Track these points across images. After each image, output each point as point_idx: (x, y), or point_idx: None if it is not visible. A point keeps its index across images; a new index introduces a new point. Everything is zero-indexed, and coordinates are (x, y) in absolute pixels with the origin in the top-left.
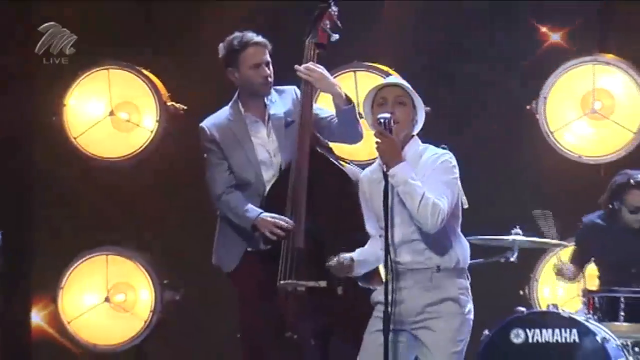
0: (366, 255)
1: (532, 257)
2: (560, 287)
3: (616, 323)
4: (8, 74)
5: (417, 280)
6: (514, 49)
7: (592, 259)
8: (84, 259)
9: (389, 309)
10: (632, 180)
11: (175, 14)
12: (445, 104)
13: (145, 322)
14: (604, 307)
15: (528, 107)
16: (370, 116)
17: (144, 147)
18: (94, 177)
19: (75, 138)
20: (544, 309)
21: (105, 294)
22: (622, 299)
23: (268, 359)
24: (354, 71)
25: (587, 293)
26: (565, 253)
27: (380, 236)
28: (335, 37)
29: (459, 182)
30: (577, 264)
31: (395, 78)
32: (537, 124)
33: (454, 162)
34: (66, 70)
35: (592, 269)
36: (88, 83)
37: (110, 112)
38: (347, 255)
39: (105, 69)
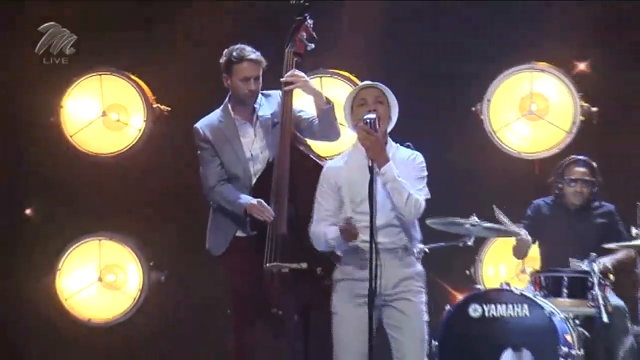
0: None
1: (477, 241)
2: (500, 268)
3: (560, 299)
4: (8, 74)
5: (390, 257)
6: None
7: (538, 240)
8: (79, 243)
9: (373, 283)
10: (572, 157)
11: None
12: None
13: (134, 299)
14: (549, 285)
15: (473, 108)
16: (350, 116)
17: (132, 144)
18: (87, 171)
19: (71, 136)
20: (497, 287)
21: (98, 275)
22: (565, 278)
23: (255, 333)
24: (320, 77)
25: (534, 273)
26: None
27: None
28: (311, 46)
29: None
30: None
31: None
32: (482, 124)
33: (423, 160)
34: (63, 73)
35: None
36: (82, 87)
37: (102, 113)
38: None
39: (98, 74)
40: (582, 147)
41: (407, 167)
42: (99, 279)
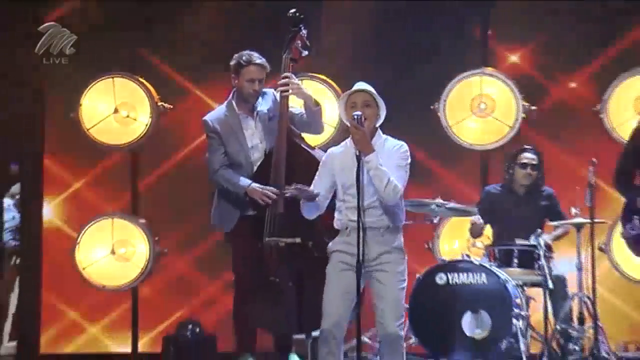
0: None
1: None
2: (454, 243)
3: (511, 269)
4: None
5: (372, 234)
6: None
7: (490, 220)
8: (95, 221)
9: (360, 257)
10: (524, 146)
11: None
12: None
13: (142, 269)
14: (502, 257)
15: (432, 107)
16: (344, 114)
17: (140, 136)
18: (102, 159)
19: (88, 129)
20: (459, 258)
21: (111, 248)
22: (515, 251)
23: (256, 298)
24: (302, 79)
25: (488, 246)
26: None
27: (342, 200)
28: (305, 53)
29: None
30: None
31: (364, 85)
32: (439, 120)
33: (408, 151)
34: (81, 74)
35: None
36: (98, 88)
37: (114, 110)
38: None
39: (111, 76)
40: (523, 140)
41: (391, 156)
42: (111, 252)
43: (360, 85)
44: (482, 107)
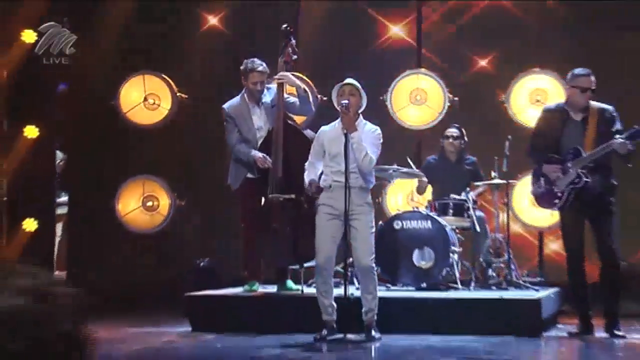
0: (317, 174)
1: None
2: (398, 198)
3: (447, 217)
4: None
5: (351, 192)
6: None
7: (430, 182)
8: (129, 181)
9: (347, 207)
10: (451, 125)
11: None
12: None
13: (164, 216)
14: (440, 208)
15: (381, 97)
16: (335, 100)
17: (163, 118)
18: (135, 135)
19: (125, 113)
20: (410, 209)
21: (141, 201)
22: (450, 203)
23: (261, 241)
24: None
25: (430, 201)
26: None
27: (328, 166)
28: (294, 57)
29: None
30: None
31: (351, 79)
32: (387, 108)
33: (381, 134)
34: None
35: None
36: (132, 82)
37: (144, 99)
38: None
39: (142, 74)
40: (449, 121)
41: (368, 136)
42: (142, 204)
43: (348, 79)
44: (417, 98)
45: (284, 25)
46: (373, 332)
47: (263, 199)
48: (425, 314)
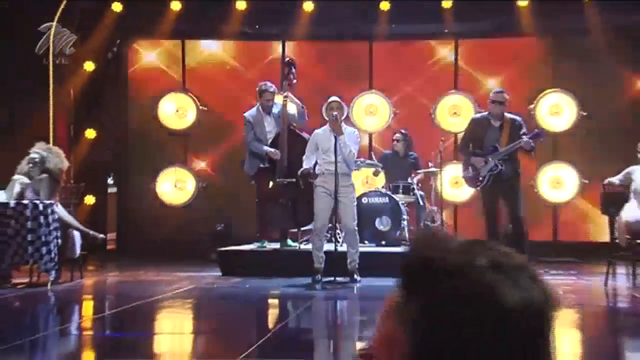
0: (312, 164)
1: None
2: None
3: (399, 195)
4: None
5: (339, 177)
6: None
7: (384, 170)
8: (165, 170)
9: (336, 188)
10: (399, 130)
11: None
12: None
13: (191, 194)
14: (394, 188)
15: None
16: (325, 113)
17: (190, 125)
18: (169, 137)
19: (162, 121)
20: (373, 189)
21: (174, 184)
22: (400, 185)
23: (272, 212)
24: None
25: (386, 184)
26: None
27: (320, 158)
28: (294, 81)
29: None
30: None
31: (336, 97)
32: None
33: (359, 134)
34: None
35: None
36: (167, 97)
37: (176, 110)
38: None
39: (173, 91)
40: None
41: (350, 137)
42: (174, 185)
43: (334, 97)
44: (371, 111)
45: (287, 59)
46: (355, 276)
47: (271, 182)
48: (385, 262)
